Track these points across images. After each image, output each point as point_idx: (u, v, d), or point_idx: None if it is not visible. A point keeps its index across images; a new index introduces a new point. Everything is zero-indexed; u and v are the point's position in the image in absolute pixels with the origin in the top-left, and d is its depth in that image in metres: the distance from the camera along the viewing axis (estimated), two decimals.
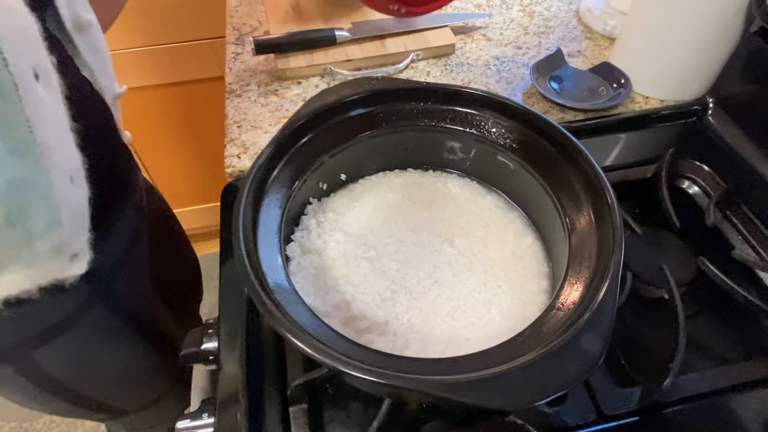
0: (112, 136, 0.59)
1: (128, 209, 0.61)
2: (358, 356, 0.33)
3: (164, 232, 0.82)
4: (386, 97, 0.50)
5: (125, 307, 0.62)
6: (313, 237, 0.49)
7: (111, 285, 0.59)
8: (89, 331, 0.59)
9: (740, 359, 0.49)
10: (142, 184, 0.71)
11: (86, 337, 0.59)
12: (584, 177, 0.43)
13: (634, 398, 0.46)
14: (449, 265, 0.48)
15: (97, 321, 0.59)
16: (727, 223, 0.59)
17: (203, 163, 1.52)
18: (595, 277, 0.36)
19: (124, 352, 0.66)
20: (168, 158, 1.48)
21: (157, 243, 0.73)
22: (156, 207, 0.79)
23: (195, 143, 1.46)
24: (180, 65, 1.25)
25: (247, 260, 0.36)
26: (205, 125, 1.39)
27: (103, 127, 0.57)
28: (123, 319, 0.63)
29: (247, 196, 0.40)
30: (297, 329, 0.33)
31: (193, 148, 1.48)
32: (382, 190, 0.54)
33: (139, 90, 1.28)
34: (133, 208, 0.63)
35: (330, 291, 0.45)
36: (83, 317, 0.57)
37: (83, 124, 0.46)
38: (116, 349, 0.65)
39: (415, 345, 0.42)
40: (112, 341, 0.63)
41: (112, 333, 0.63)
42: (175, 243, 0.88)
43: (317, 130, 0.47)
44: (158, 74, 1.26)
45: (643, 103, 0.73)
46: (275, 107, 0.74)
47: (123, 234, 0.60)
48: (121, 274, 0.61)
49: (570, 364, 0.31)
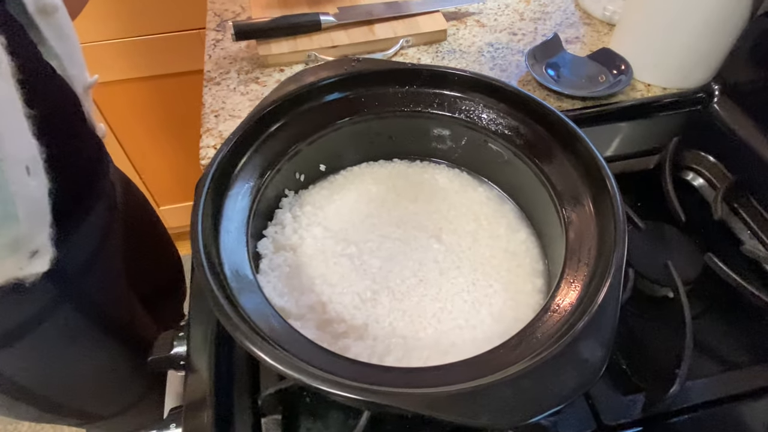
0: (79, 126, 0.55)
1: (98, 204, 0.57)
2: (329, 366, 0.29)
3: (142, 229, 0.78)
4: (367, 80, 0.46)
5: (96, 308, 0.59)
6: (288, 232, 0.45)
7: (80, 285, 0.55)
8: (56, 334, 0.55)
9: (750, 363, 0.46)
10: (116, 178, 0.67)
11: (53, 341, 0.55)
12: (583, 165, 0.39)
13: (637, 407, 0.42)
14: (436, 263, 0.44)
15: (65, 323, 0.55)
16: (734, 216, 0.56)
17: (190, 158, 1.47)
18: (594, 276, 0.33)
19: (96, 356, 0.62)
20: (155, 154, 1.44)
21: (133, 240, 0.69)
22: (133, 202, 0.75)
23: (181, 138, 1.42)
24: (166, 57, 1.20)
25: (205, 258, 0.32)
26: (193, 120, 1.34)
27: (69, 116, 0.53)
28: (94, 321, 0.59)
29: (208, 187, 0.36)
30: (257, 335, 0.29)
31: (179, 144, 1.43)
32: (365, 182, 0.50)
33: (123, 83, 1.24)
34: (104, 203, 0.59)
35: (305, 291, 0.41)
36: (48, 319, 0.53)
37: (42, 110, 0.42)
38: (87, 352, 0.61)
39: (396, 351, 0.38)
40: (82, 344, 0.59)
41: (82, 336, 0.59)
42: (154, 240, 0.84)
43: (291, 116, 0.43)
44: (143, 66, 1.22)
45: (645, 90, 0.69)
46: (256, 95, 0.69)
47: (92, 230, 0.56)
48: (92, 273, 0.57)
49: (567, 376, 0.28)
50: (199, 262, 0.31)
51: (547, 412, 0.26)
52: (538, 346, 0.30)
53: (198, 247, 0.32)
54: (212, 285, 0.30)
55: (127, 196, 0.71)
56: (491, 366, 0.29)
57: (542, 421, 0.41)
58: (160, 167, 1.48)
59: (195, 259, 0.32)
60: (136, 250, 0.70)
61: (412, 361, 0.37)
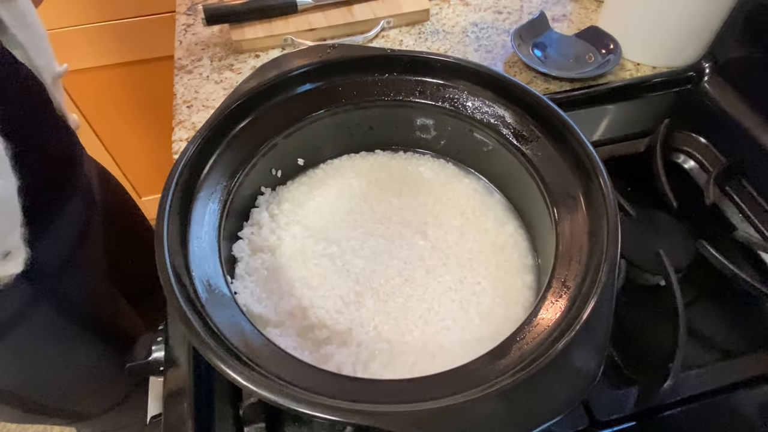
0: (49, 119, 0.52)
1: (74, 200, 0.55)
2: (307, 382, 0.27)
3: (123, 223, 0.75)
4: (344, 68, 0.43)
5: (77, 306, 0.57)
6: (266, 233, 0.42)
7: (59, 283, 0.53)
8: (35, 334, 0.53)
9: (744, 351, 0.45)
10: (92, 171, 0.64)
11: (32, 341, 0.53)
12: (573, 157, 0.37)
13: (630, 401, 0.41)
14: (422, 261, 0.42)
15: (44, 323, 0.53)
16: (726, 200, 0.54)
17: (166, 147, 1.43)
18: (587, 276, 0.31)
19: (79, 355, 0.60)
20: (133, 143, 1.39)
21: (114, 235, 0.67)
22: (112, 195, 0.72)
23: (160, 126, 1.37)
24: (138, 42, 1.15)
25: (171, 271, 0.29)
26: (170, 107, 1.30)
27: (36, 109, 0.50)
28: (75, 320, 0.57)
29: (173, 191, 0.33)
30: (229, 353, 0.27)
31: (158, 132, 1.39)
32: (346, 176, 0.48)
33: (95, 70, 1.18)
34: (80, 198, 0.56)
35: (284, 296, 0.39)
36: (26, 320, 0.51)
37: (6, 103, 0.41)
38: (69, 351, 0.59)
39: (381, 357, 0.36)
40: (63, 344, 0.58)
41: (63, 335, 0.57)
42: (136, 234, 0.81)
43: (263, 108, 0.41)
44: (115, 52, 1.17)
45: (634, 70, 0.67)
46: (230, 84, 0.66)
47: (69, 227, 0.54)
48: (71, 271, 0.55)
49: (559, 386, 0.26)
50: (165, 276, 0.29)
51: (540, 428, 0.25)
52: (528, 354, 0.28)
53: (163, 260, 0.29)
54: (180, 301, 0.28)
55: (105, 190, 0.68)
56: (479, 377, 0.28)
57: None
58: (139, 157, 1.44)
59: (161, 273, 0.29)
60: (117, 245, 0.67)
61: (397, 368, 0.36)
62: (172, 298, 0.28)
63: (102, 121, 1.30)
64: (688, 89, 0.65)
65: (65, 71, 0.56)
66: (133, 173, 1.48)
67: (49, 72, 0.52)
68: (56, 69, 0.54)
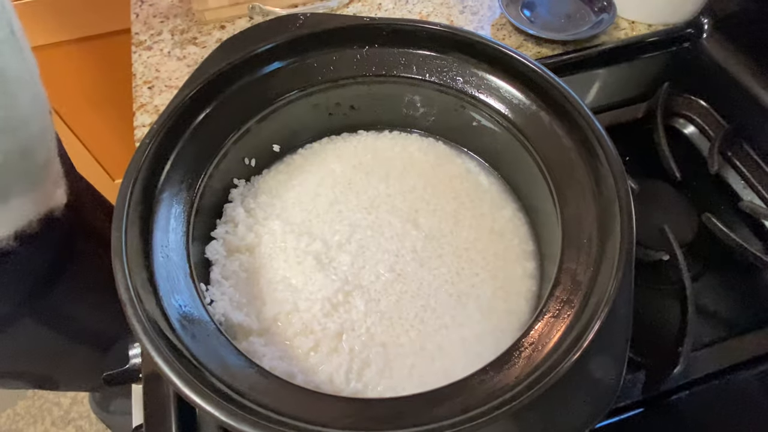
0: None
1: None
2: (295, 410, 0.24)
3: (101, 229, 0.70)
4: (319, 42, 0.38)
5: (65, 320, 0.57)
6: (242, 231, 0.38)
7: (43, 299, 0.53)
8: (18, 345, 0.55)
9: (750, 327, 0.43)
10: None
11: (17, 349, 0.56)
12: (578, 134, 0.34)
13: (638, 386, 0.40)
14: (414, 253, 0.38)
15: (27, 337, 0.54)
16: (729, 167, 0.52)
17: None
18: (600, 271, 0.28)
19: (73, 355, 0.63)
20: (102, 125, 1.31)
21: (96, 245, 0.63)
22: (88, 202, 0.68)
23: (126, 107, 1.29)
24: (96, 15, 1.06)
25: (134, 296, 0.25)
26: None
27: None
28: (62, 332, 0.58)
29: (130, 194, 0.29)
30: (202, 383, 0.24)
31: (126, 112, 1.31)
32: (327, 161, 0.44)
33: (52, 48, 1.09)
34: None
35: (266, 301, 0.36)
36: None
37: None
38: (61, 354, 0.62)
39: (376, 362, 0.33)
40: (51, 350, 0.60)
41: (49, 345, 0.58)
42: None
43: (230, 91, 0.36)
44: (72, 27, 1.08)
45: (629, 29, 0.63)
46: (195, 60, 0.60)
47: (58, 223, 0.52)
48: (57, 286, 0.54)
49: (578, 402, 0.24)
50: (127, 299, 0.25)
51: None
52: (539, 365, 0.25)
53: (125, 282, 0.26)
54: (146, 331, 0.24)
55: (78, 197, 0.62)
56: (486, 392, 0.25)
57: None
58: (111, 139, 1.36)
59: (121, 296, 0.26)
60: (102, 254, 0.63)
61: (394, 373, 0.33)
62: (133, 324, 0.25)
63: (65, 103, 1.22)
64: (687, 48, 0.61)
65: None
66: (105, 157, 1.40)
67: None
68: None
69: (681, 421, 0.39)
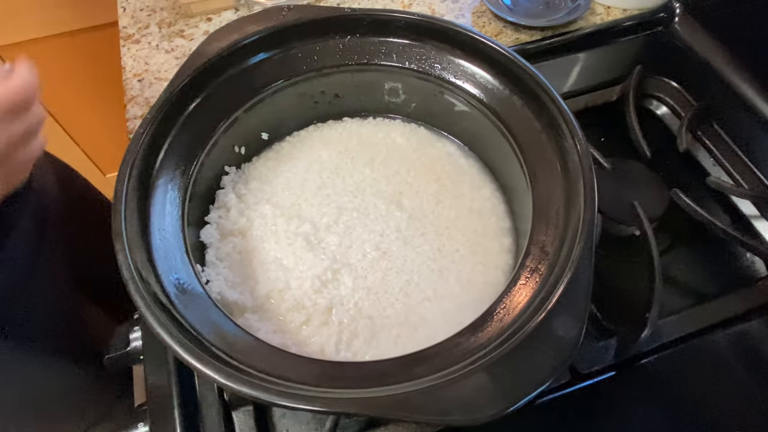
0: None
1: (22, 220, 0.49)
2: (286, 371, 0.27)
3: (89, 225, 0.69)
4: (302, 33, 0.40)
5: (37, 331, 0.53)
6: (234, 215, 0.41)
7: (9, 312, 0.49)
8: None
9: (717, 294, 0.46)
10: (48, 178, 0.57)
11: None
12: (546, 116, 0.36)
13: (610, 352, 0.42)
14: (398, 232, 0.41)
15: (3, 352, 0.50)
16: (698, 144, 0.54)
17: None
18: (565, 242, 0.30)
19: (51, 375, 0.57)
20: (90, 119, 1.31)
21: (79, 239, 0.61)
22: (76, 194, 0.66)
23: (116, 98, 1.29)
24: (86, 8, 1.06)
25: (136, 274, 0.28)
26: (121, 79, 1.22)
27: None
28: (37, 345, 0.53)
29: (128, 181, 0.31)
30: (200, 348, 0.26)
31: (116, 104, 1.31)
32: (314, 148, 0.46)
33: (41, 42, 1.09)
34: (29, 216, 0.50)
35: (259, 280, 0.38)
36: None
37: None
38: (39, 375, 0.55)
39: (364, 333, 0.36)
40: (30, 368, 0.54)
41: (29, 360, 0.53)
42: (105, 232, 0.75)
43: (217, 82, 0.38)
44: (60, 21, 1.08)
45: (605, 14, 0.65)
46: (183, 52, 0.62)
47: (17, 249, 0.49)
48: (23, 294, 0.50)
49: (542, 357, 0.26)
50: (128, 276, 0.27)
51: (524, 400, 0.25)
52: (509, 326, 0.28)
53: (126, 261, 0.28)
54: (144, 301, 0.26)
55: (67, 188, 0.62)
56: (462, 352, 0.28)
57: None
58: (99, 133, 1.36)
59: (122, 273, 0.28)
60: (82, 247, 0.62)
61: (381, 342, 0.36)
62: (136, 299, 0.27)
63: (54, 98, 1.22)
64: (659, 32, 0.64)
65: None
66: (93, 150, 1.41)
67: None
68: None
69: (651, 381, 0.42)
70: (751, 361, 0.43)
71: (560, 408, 0.41)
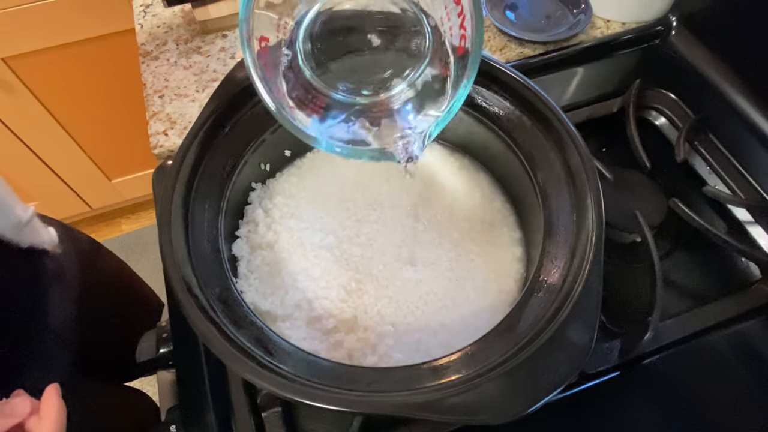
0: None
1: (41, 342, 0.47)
2: (320, 377, 0.29)
3: (114, 298, 0.66)
4: None
5: None
6: (262, 229, 0.43)
7: None
8: None
9: (714, 297, 0.49)
10: (71, 267, 0.54)
11: None
12: (555, 135, 0.39)
13: (614, 353, 0.45)
14: (417, 243, 0.43)
15: None
16: (695, 154, 0.57)
17: (135, 125, 1.38)
18: (575, 254, 0.33)
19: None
20: (96, 125, 1.33)
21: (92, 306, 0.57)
22: (99, 277, 0.62)
23: (122, 105, 1.32)
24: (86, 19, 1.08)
25: (183, 281, 0.30)
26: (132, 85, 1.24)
27: None
28: None
29: (171, 205, 0.33)
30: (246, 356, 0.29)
31: (121, 111, 1.33)
32: (335, 163, 0.48)
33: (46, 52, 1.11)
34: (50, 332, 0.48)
35: (288, 290, 0.41)
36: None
37: None
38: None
39: (388, 339, 0.38)
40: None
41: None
42: (115, 291, 0.69)
43: (247, 107, 0.40)
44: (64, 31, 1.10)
45: (605, 27, 0.68)
46: (200, 68, 0.64)
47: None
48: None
49: (558, 361, 0.29)
50: (180, 291, 0.30)
51: (544, 400, 0.28)
52: (526, 333, 0.30)
53: (177, 277, 0.30)
54: (199, 318, 0.29)
55: (91, 269, 0.59)
56: (484, 358, 0.30)
57: None
58: (105, 139, 1.38)
59: (174, 285, 0.30)
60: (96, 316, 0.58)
61: (404, 347, 0.38)
62: (189, 313, 0.29)
63: (59, 105, 1.24)
64: (657, 44, 0.66)
65: (32, 214, 0.48)
66: (98, 155, 1.43)
67: (17, 223, 0.45)
68: (23, 217, 0.46)
69: (653, 381, 0.45)
70: (747, 360, 0.46)
71: (569, 406, 0.43)
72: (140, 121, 1.43)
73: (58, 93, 1.21)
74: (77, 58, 1.16)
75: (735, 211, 0.53)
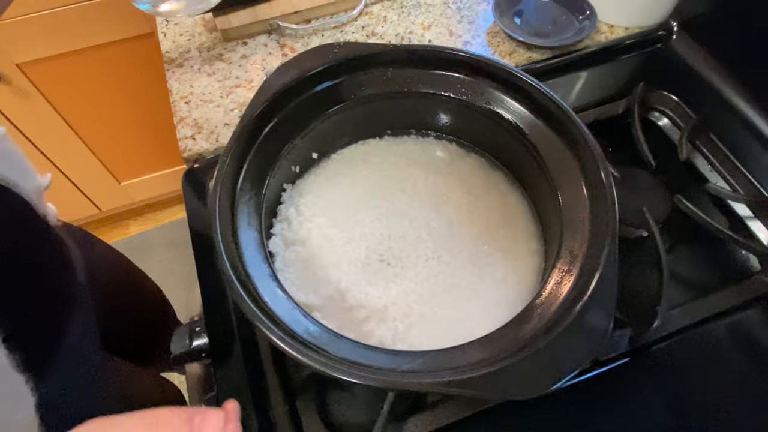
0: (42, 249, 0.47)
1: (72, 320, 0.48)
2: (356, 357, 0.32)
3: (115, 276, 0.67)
4: (353, 66, 0.46)
5: None
6: (295, 227, 0.46)
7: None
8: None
9: (716, 288, 0.52)
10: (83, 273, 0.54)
11: None
12: (568, 136, 0.42)
13: (624, 340, 0.48)
14: (440, 238, 0.46)
15: None
16: (697, 153, 0.60)
17: (144, 129, 1.40)
18: (593, 246, 0.36)
19: None
20: (107, 128, 1.36)
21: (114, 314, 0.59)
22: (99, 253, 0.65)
23: (133, 109, 1.34)
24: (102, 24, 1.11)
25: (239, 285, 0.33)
26: (142, 89, 1.27)
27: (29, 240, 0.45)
28: None
29: (219, 207, 0.36)
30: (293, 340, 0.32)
31: (133, 115, 1.36)
32: (359, 164, 0.51)
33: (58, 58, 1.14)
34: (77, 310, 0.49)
35: (322, 283, 0.44)
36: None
37: None
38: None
39: (416, 327, 0.41)
40: None
41: None
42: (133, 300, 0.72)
43: (283, 113, 0.43)
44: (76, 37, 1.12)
45: (609, 32, 0.71)
46: (224, 75, 0.67)
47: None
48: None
49: (579, 344, 0.32)
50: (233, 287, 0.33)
51: (566, 378, 0.31)
52: (549, 319, 0.33)
53: (229, 275, 0.33)
54: (254, 312, 0.32)
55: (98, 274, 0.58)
56: (511, 341, 0.33)
57: None
58: (116, 141, 1.41)
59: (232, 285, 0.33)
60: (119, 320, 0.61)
61: (431, 333, 0.41)
62: (244, 307, 0.32)
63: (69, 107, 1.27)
64: (659, 48, 0.70)
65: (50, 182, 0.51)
66: (109, 158, 1.45)
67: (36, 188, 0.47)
68: (42, 183, 0.49)
69: (661, 366, 0.48)
70: (748, 346, 0.49)
71: (583, 391, 0.46)
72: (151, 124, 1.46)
73: (68, 97, 1.23)
74: (88, 63, 1.19)
75: (735, 206, 0.56)
